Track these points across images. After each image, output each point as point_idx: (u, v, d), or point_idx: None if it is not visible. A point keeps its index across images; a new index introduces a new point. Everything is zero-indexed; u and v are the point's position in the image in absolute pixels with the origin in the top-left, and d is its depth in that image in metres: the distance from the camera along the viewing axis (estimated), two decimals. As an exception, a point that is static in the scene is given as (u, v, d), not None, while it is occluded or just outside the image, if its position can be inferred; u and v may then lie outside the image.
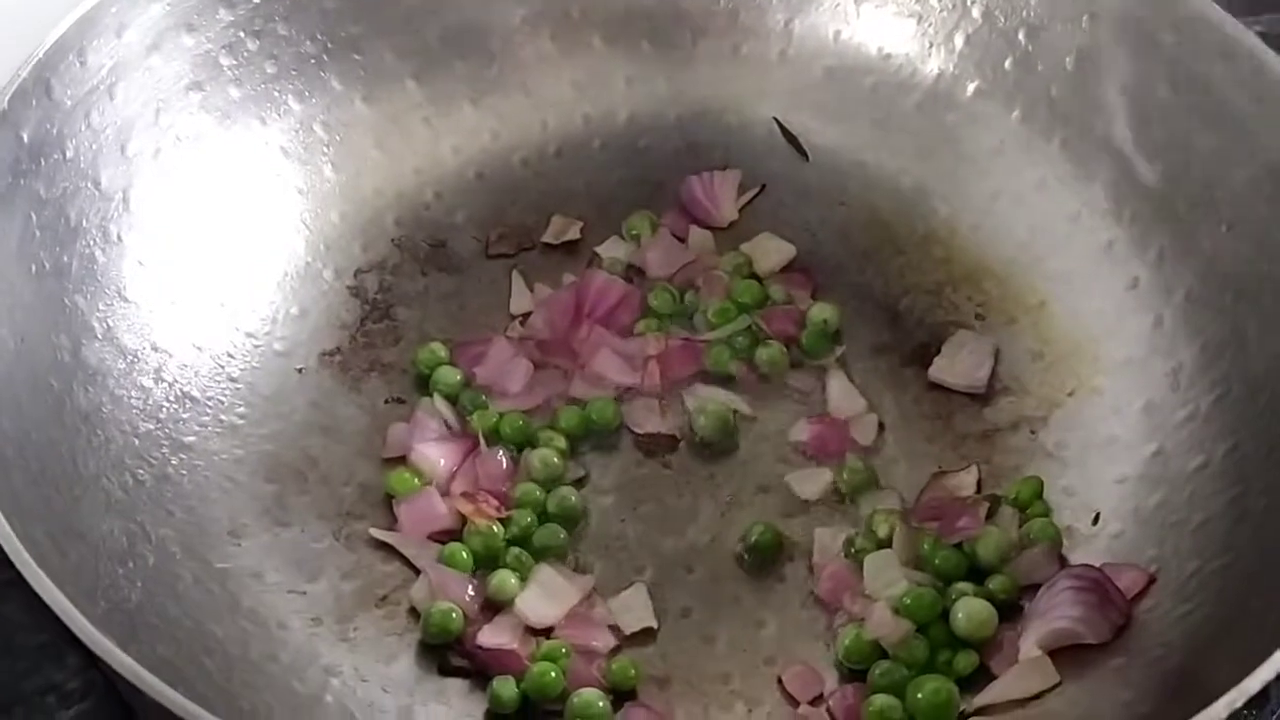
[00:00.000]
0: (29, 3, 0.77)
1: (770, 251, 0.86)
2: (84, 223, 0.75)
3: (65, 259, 0.73)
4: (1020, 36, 0.84)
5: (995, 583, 0.71)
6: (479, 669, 0.70)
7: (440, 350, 0.81)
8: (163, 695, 0.54)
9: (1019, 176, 0.84)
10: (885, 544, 0.73)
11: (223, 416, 0.76)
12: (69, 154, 0.74)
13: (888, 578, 0.71)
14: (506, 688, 0.68)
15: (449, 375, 0.80)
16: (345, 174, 0.85)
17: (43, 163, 0.73)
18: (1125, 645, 0.68)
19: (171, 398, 0.75)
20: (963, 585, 0.71)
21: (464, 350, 0.81)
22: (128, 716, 0.71)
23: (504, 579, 0.71)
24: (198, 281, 0.79)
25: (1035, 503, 0.74)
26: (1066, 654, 0.68)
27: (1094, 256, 0.81)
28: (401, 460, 0.77)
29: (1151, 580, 0.69)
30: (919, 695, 0.67)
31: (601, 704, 0.68)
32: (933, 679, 0.67)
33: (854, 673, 0.70)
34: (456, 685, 0.70)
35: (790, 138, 0.88)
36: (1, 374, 0.67)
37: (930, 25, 0.87)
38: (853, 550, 0.73)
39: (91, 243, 0.75)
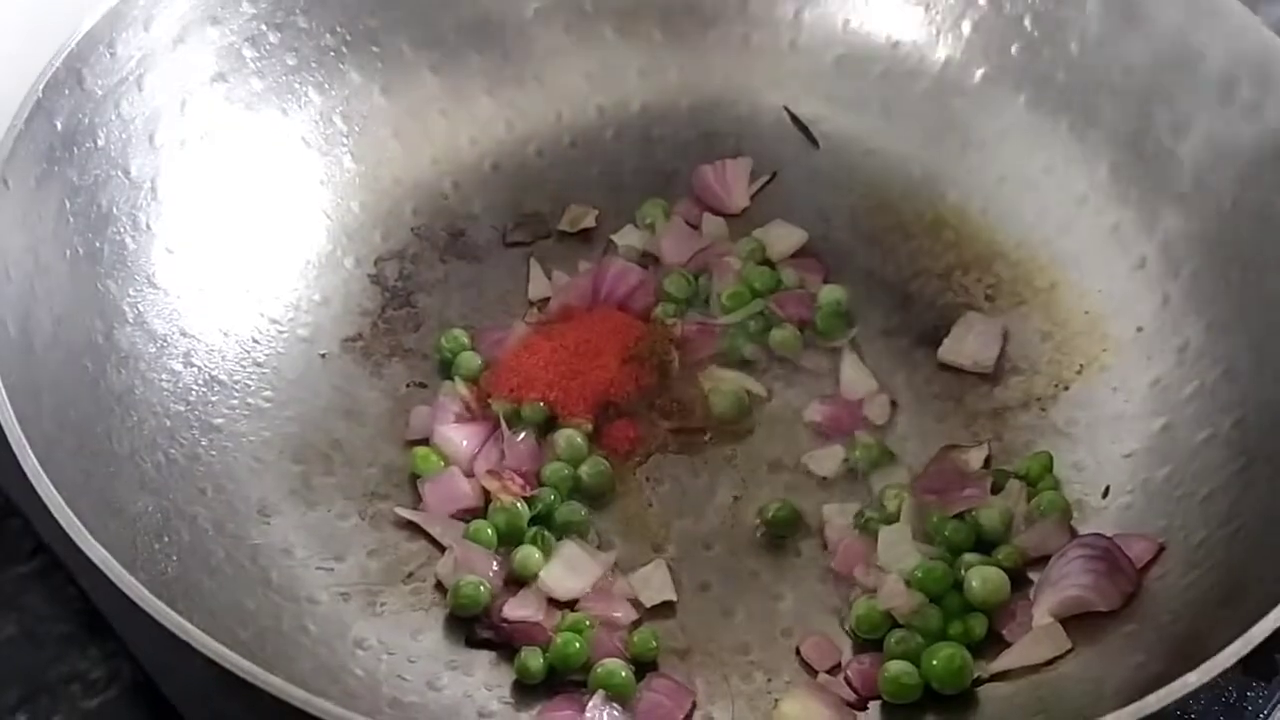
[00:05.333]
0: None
1: (782, 237, 0.87)
2: (115, 210, 0.76)
3: (98, 245, 0.75)
4: (1026, 22, 0.85)
5: (1002, 553, 0.72)
6: (504, 641, 0.71)
7: (462, 336, 0.82)
8: (219, 654, 0.55)
9: (1027, 160, 0.86)
10: (895, 518, 0.74)
11: (250, 400, 0.78)
12: (100, 143, 0.76)
13: (900, 551, 0.73)
14: (534, 658, 0.69)
15: (470, 360, 0.81)
16: (365, 164, 0.87)
17: (75, 151, 0.74)
18: (1136, 612, 0.69)
19: (200, 381, 0.77)
20: (970, 557, 0.72)
21: (484, 335, 0.83)
22: (151, 705, 0.72)
23: (528, 554, 0.73)
24: (223, 269, 0.80)
25: (1045, 477, 0.76)
26: (1079, 621, 0.69)
27: (1102, 238, 0.83)
28: (424, 442, 0.78)
29: (1160, 550, 0.71)
30: (934, 662, 0.68)
31: (624, 673, 0.69)
32: (947, 646, 0.69)
33: (869, 642, 0.71)
34: (482, 657, 0.71)
35: (800, 125, 0.90)
36: (40, 353, 0.69)
37: (938, 13, 0.88)
38: (862, 522, 0.75)
39: (122, 230, 0.76)
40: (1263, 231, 0.76)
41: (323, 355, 0.81)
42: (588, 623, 0.71)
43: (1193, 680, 0.55)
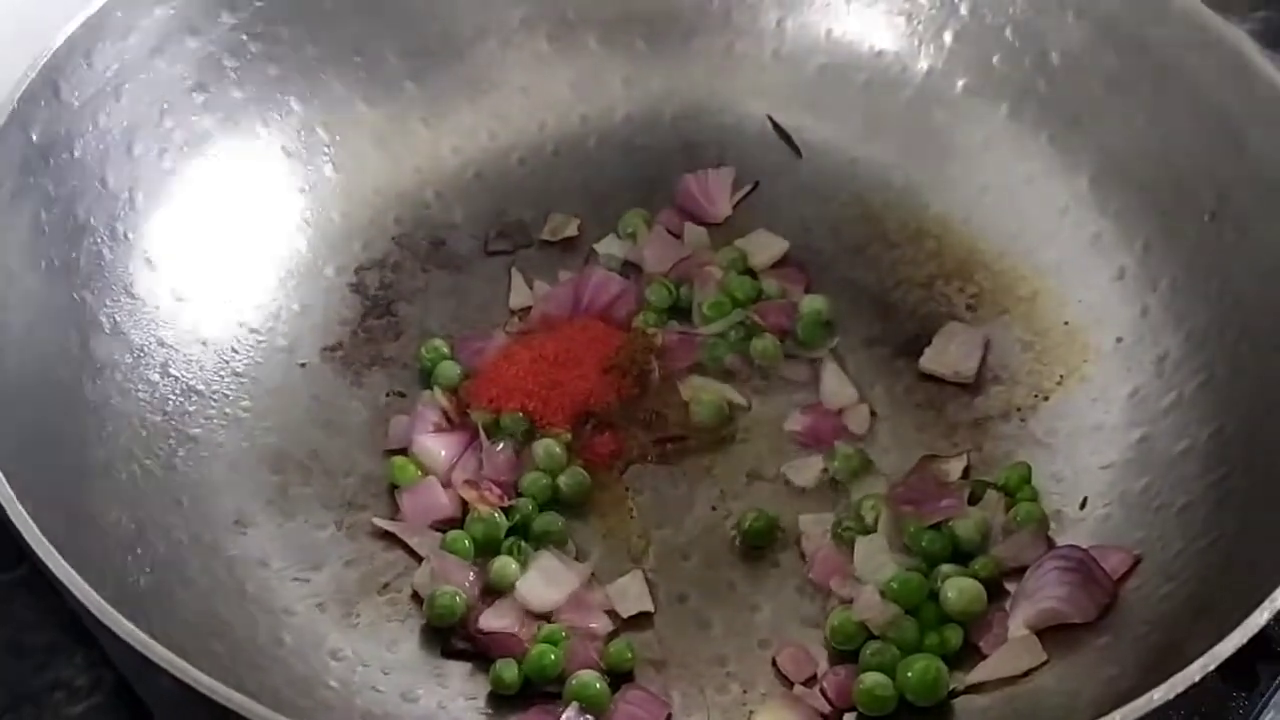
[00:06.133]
0: (37, 5, 0.78)
1: (764, 247, 0.87)
2: (92, 221, 0.76)
3: (74, 256, 0.75)
4: (1007, 33, 0.85)
5: (979, 564, 0.72)
6: (480, 652, 0.71)
7: (442, 345, 0.82)
8: (177, 668, 0.55)
9: (1008, 171, 0.85)
10: (872, 528, 0.74)
11: (228, 410, 0.78)
12: (77, 154, 0.76)
13: (877, 562, 0.73)
14: (509, 669, 0.69)
15: (449, 369, 0.81)
16: (346, 174, 0.87)
17: (51, 162, 0.74)
18: (1111, 624, 0.69)
19: (178, 391, 0.77)
20: (947, 568, 0.72)
21: (464, 345, 0.83)
22: (135, 713, 0.72)
23: (505, 564, 0.73)
24: (202, 278, 0.80)
25: (1023, 488, 0.75)
26: (1054, 633, 0.69)
27: (1082, 248, 0.83)
28: (403, 452, 0.78)
29: (1136, 561, 0.71)
30: (909, 674, 0.68)
31: (599, 685, 0.69)
32: (922, 658, 0.68)
33: (845, 654, 0.71)
34: (458, 668, 0.71)
35: (783, 135, 0.90)
36: (13, 365, 0.68)
37: (920, 23, 0.88)
38: (839, 531, 0.75)
39: (99, 240, 0.76)
40: (1241, 241, 0.75)
41: (302, 365, 0.81)
42: (563, 634, 0.71)
43: (1157, 696, 0.55)
